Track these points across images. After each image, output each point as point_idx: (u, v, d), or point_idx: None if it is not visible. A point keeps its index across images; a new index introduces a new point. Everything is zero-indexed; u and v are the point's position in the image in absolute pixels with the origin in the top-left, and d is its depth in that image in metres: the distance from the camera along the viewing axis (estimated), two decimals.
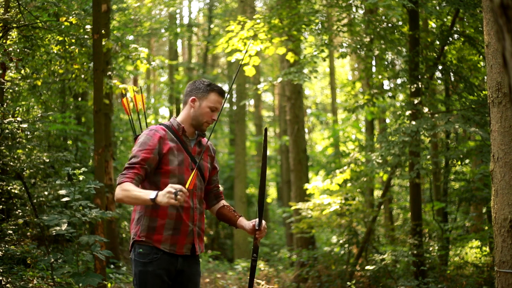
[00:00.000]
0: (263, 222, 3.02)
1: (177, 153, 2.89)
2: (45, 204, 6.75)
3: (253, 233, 3.00)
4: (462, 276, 7.22)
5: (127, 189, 2.74)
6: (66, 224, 4.58)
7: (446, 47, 7.49)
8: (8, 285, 4.68)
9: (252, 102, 19.44)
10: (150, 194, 2.66)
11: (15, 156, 5.91)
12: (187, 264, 2.93)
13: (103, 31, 6.14)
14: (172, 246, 2.85)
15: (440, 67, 7.49)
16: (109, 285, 5.95)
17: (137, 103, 3.15)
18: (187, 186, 2.72)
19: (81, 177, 4.67)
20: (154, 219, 2.85)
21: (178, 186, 2.61)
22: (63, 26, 6.25)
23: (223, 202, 3.18)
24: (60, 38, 6.37)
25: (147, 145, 2.82)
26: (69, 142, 9.02)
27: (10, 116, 5.68)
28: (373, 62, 9.54)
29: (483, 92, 7.16)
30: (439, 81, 8.25)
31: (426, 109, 7.13)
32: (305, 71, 8.09)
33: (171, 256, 2.86)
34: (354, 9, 7.90)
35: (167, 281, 2.85)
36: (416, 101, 7.10)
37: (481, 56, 7.58)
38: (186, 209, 2.87)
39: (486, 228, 7.75)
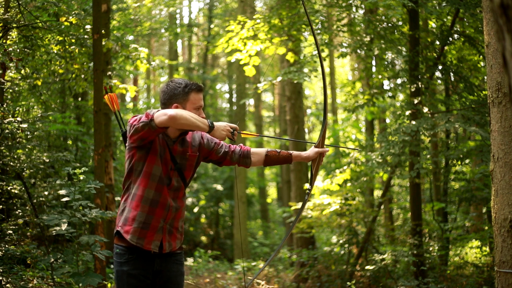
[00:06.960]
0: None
1: (161, 147, 2.86)
2: (45, 204, 6.74)
3: (317, 154, 3.16)
4: (462, 276, 7.22)
5: (181, 111, 2.68)
6: (66, 224, 4.58)
7: (446, 47, 7.49)
8: (8, 285, 4.68)
9: (252, 102, 19.43)
10: (205, 120, 2.76)
11: (15, 156, 5.91)
12: (165, 264, 2.89)
13: (103, 31, 6.13)
14: (139, 239, 2.81)
15: (440, 67, 7.48)
16: (109, 285, 5.95)
17: (114, 103, 3.13)
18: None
19: (81, 177, 4.67)
20: (130, 209, 2.84)
21: (234, 126, 2.85)
22: (63, 26, 6.25)
23: (261, 151, 3.12)
24: (60, 38, 6.37)
25: None
26: (69, 142, 9.01)
27: (10, 116, 5.68)
28: (373, 62, 9.54)
29: (483, 92, 7.16)
30: (439, 81, 8.24)
31: (426, 109, 7.13)
32: (305, 70, 8.10)
33: (146, 255, 2.83)
34: (354, 9, 7.89)
35: (143, 280, 2.82)
36: (416, 101, 7.10)
37: (481, 56, 7.58)
38: (162, 205, 2.83)
39: (486, 228, 7.74)
